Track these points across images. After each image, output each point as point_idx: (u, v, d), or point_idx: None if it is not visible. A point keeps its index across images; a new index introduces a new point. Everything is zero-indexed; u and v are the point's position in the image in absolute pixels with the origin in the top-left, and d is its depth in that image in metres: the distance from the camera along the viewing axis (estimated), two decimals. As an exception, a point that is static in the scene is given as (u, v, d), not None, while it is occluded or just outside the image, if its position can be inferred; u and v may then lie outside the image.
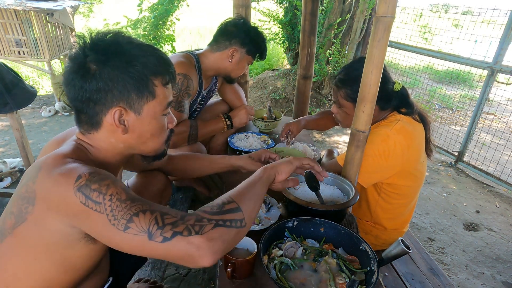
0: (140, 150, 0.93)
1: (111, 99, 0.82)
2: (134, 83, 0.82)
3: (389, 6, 1.04)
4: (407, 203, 1.54)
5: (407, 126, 1.40)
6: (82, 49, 0.82)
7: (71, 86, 0.82)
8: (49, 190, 0.73)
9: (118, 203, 0.72)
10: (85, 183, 0.72)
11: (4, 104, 2.18)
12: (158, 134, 0.92)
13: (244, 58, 1.80)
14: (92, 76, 0.80)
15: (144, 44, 0.87)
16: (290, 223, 1.10)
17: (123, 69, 0.81)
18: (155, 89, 0.85)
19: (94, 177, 0.73)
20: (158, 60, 0.86)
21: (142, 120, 0.87)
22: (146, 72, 0.83)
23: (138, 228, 0.71)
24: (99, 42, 0.82)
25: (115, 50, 0.82)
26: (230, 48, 1.75)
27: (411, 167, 1.45)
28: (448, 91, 5.66)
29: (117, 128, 0.84)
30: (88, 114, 0.84)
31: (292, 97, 4.91)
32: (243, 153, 1.81)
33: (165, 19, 4.96)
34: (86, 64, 0.80)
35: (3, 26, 4.12)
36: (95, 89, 0.80)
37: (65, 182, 0.72)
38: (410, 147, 1.39)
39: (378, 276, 0.91)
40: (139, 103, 0.84)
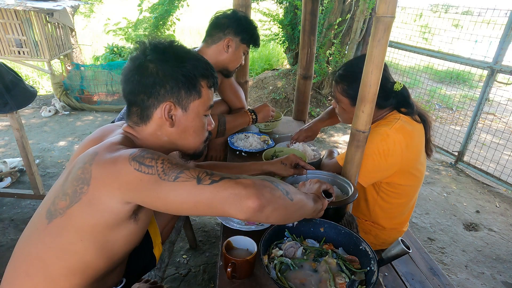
0: (181, 145, 1.00)
1: (164, 94, 0.91)
2: (185, 81, 0.92)
3: (389, 6, 1.04)
4: (406, 203, 1.54)
5: (406, 125, 1.41)
6: (143, 50, 0.93)
7: (129, 82, 0.92)
8: (106, 168, 0.79)
9: (169, 165, 0.78)
10: (139, 153, 0.79)
11: (4, 104, 2.18)
12: (199, 132, 1.00)
13: (239, 47, 1.82)
14: (150, 72, 0.90)
15: (192, 51, 0.99)
16: (290, 223, 1.10)
17: (177, 68, 0.91)
18: (201, 89, 0.96)
19: (147, 151, 0.80)
20: (206, 64, 0.97)
21: (187, 117, 0.96)
22: (195, 73, 0.93)
23: (188, 175, 0.77)
24: (158, 45, 0.94)
25: (171, 52, 0.94)
26: (225, 38, 1.77)
27: (410, 166, 1.45)
28: (448, 91, 5.67)
29: (165, 122, 0.93)
30: (140, 107, 0.93)
31: (292, 97, 4.91)
32: (243, 153, 1.81)
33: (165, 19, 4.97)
34: (145, 62, 0.91)
35: (3, 26, 4.11)
36: (151, 84, 0.90)
37: (121, 158, 0.79)
38: (410, 146, 1.39)
39: (378, 276, 0.91)
40: (187, 100, 0.94)
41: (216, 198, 0.75)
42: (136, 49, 0.96)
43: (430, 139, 1.52)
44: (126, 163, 0.78)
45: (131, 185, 0.78)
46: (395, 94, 1.44)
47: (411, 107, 1.46)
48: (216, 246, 2.27)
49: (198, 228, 2.46)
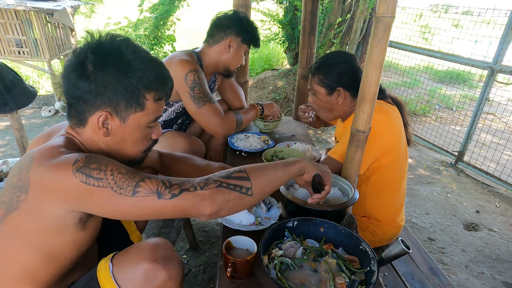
0: (119, 154, 0.95)
1: (100, 102, 0.85)
2: (125, 94, 0.85)
3: (389, 6, 1.04)
4: (395, 188, 1.57)
5: (383, 106, 1.48)
6: (86, 48, 0.84)
7: (67, 80, 0.86)
8: (46, 177, 0.75)
9: (120, 175, 0.76)
10: (83, 164, 0.75)
11: (4, 104, 2.18)
12: (139, 143, 0.95)
13: (240, 47, 1.84)
14: (86, 77, 0.83)
15: (148, 57, 0.89)
16: (290, 223, 1.10)
17: (117, 78, 0.83)
18: (145, 102, 0.88)
19: (91, 159, 0.77)
20: (156, 76, 0.88)
21: (125, 128, 0.89)
22: (139, 86, 0.86)
23: (147, 190, 0.77)
24: (102, 46, 0.84)
25: (115, 58, 0.84)
26: (226, 38, 1.79)
27: (395, 146, 1.49)
28: (448, 91, 5.66)
29: (99, 130, 0.88)
30: (76, 109, 0.88)
31: (292, 97, 4.91)
32: (243, 153, 1.81)
33: (165, 19, 4.96)
34: (84, 64, 0.83)
35: (3, 26, 4.11)
36: (87, 90, 0.83)
37: (63, 167, 0.75)
38: (392, 124, 1.45)
39: (378, 276, 0.91)
40: (126, 112, 0.87)
41: (177, 209, 0.80)
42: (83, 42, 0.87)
43: (408, 123, 1.58)
44: (70, 174, 0.74)
45: (80, 198, 0.76)
46: None
47: (382, 92, 1.53)
48: (216, 246, 2.27)
49: (198, 228, 2.46)
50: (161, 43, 5.13)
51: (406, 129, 1.57)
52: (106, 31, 0.89)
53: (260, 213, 1.27)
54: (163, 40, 5.13)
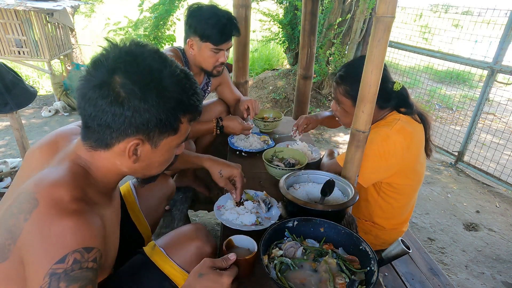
0: (141, 175, 0.90)
1: (133, 129, 0.75)
2: (162, 120, 0.76)
3: (389, 6, 1.04)
4: (406, 203, 1.55)
5: (407, 126, 1.40)
6: (112, 65, 0.72)
7: (90, 104, 0.73)
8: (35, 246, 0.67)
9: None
10: (60, 273, 0.65)
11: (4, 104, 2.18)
12: (165, 164, 0.90)
13: (203, 47, 1.66)
14: (120, 103, 0.72)
15: (184, 75, 0.79)
16: (290, 223, 1.10)
17: (156, 104, 0.73)
18: (180, 126, 0.81)
19: (73, 270, 0.66)
20: (192, 97, 0.80)
21: (156, 152, 0.82)
22: (178, 110, 0.78)
23: None
24: (133, 64, 0.73)
25: (151, 81, 0.73)
26: (188, 39, 1.69)
27: (410, 167, 1.45)
28: (448, 91, 5.66)
29: (128, 157, 0.79)
30: (100, 135, 0.77)
31: (292, 97, 4.91)
32: (243, 153, 1.81)
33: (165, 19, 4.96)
34: (114, 87, 0.71)
35: (3, 26, 4.12)
36: (119, 118, 0.73)
37: (52, 253, 0.66)
38: (410, 147, 1.39)
39: (378, 276, 0.91)
40: (159, 137, 0.79)
41: None
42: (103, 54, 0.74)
43: (430, 139, 1.52)
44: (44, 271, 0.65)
45: None
46: (395, 94, 1.44)
47: (410, 107, 1.46)
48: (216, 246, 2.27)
49: (198, 228, 2.46)
50: (161, 43, 5.13)
51: (428, 145, 1.51)
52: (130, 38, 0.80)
53: (260, 213, 1.27)
54: (163, 40, 5.13)
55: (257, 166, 1.70)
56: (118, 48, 0.75)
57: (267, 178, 1.59)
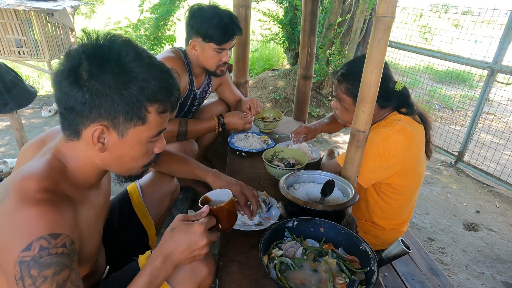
0: (116, 170, 0.89)
1: (95, 114, 0.75)
2: (124, 106, 0.75)
3: (389, 6, 1.04)
4: (406, 203, 1.55)
5: (407, 126, 1.41)
6: (80, 52, 0.74)
7: (58, 88, 0.76)
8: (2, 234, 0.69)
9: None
10: (28, 261, 0.66)
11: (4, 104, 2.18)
12: (139, 159, 0.86)
13: (205, 47, 1.67)
14: (80, 86, 0.73)
15: (153, 64, 0.79)
16: (290, 223, 1.10)
17: (115, 89, 0.74)
18: (147, 115, 0.79)
19: (41, 257, 0.67)
20: (161, 86, 0.78)
21: (124, 143, 0.80)
22: (141, 97, 0.76)
23: None
24: (99, 50, 0.75)
25: (113, 65, 0.74)
26: (190, 41, 1.70)
27: (411, 167, 1.45)
28: (448, 91, 5.66)
29: (94, 145, 0.79)
30: (69, 121, 0.78)
31: (292, 97, 4.91)
32: (243, 153, 1.81)
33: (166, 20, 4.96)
34: (78, 70, 0.73)
35: (3, 26, 4.12)
36: (80, 100, 0.74)
37: (17, 240, 0.67)
38: (410, 148, 1.39)
39: (378, 276, 0.91)
40: (124, 126, 0.78)
41: None
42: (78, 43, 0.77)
43: (430, 140, 1.52)
44: (13, 259, 0.66)
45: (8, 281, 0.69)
46: (396, 94, 1.44)
47: (411, 107, 1.46)
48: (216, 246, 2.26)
49: (198, 228, 2.46)
50: (162, 43, 5.13)
51: (428, 145, 1.52)
52: (105, 31, 0.80)
53: (260, 213, 1.27)
54: (163, 40, 5.14)
55: (257, 166, 1.70)
56: (90, 39, 0.76)
57: (267, 178, 1.59)
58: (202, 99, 2.01)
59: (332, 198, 1.29)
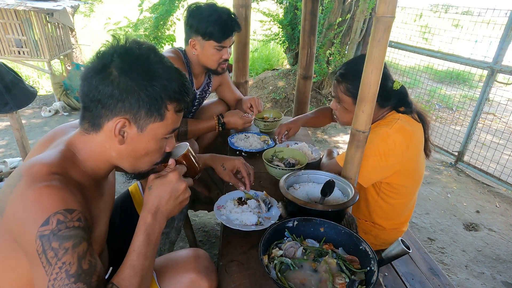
0: (128, 164, 0.92)
1: (120, 108, 0.82)
2: (148, 102, 0.82)
3: (389, 6, 1.04)
4: (406, 203, 1.55)
5: (406, 125, 1.41)
6: (111, 52, 0.82)
7: (87, 83, 0.82)
8: (17, 216, 0.72)
9: (64, 275, 0.71)
10: (48, 234, 0.70)
11: (4, 104, 2.18)
12: (152, 155, 0.92)
13: (206, 45, 1.67)
14: (110, 81, 0.80)
15: (172, 68, 0.87)
16: (290, 223, 1.10)
17: (142, 85, 0.81)
18: (166, 112, 0.86)
19: (60, 230, 0.71)
20: (180, 87, 0.86)
21: (142, 137, 0.86)
22: (163, 95, 0.83)
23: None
24: (129, 51, 0.83)
25: (141, 64, 0.82)
26: (190, 40, 1.70)
27: (410, 166, 1.45)
28: (448, 91, 5.66)
29: (114, 137, 0.84)
30: (93, 113, 0.84)
31: (292, 97, 4.91)
32: (243, 153, 1.81)
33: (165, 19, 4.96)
34: (109, 67, 0.81)
35: (3, 26, 4.12)
36: (109, 94, 0.81)
37: (33, 220, 0.71)
38: (410, 146, 1.39)
39: (378, 276, 0.91)
40: (145, 120, 0.84)
41: None
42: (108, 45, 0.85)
43: (429, 139, 1.53)
44: (33, 235, 0.70)
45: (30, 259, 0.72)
46: (394, 93, 1.44)
47: (409, 105, 1.47)
48: (216, 246, 2.27)
49: (198, 228, 2.46)
50: (161, 43, 5.13)
51: (427, 144, 1.52)
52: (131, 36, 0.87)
53: (260, 213, 1.27)
54: (163, 40, 5.14)
55: (257, 166, 1.69)
56: (119, 42, 0.85)
57: (267, 178, 1.59)
58: (202, 99, 2.01)
59: (332, 198, 1.29)
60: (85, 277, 0.73)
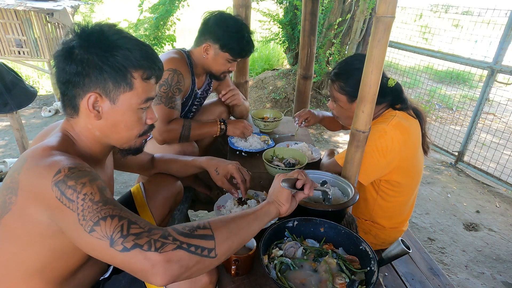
0: (114, 140, 0.94)
1: (88, 83, 0.84)
2: (111, 72, 0.84)
3: (389, 6, 1.04)
4: (405, 201, 1.55)
5: (403, 121, 1.42)
6: (73, 35, 0.85)
7: (57, 68, 0.86)
8: (31, 181, 0.74)
9: (90, 203, 0.71)
10: (62, 179, 0.72)
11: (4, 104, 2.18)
12: (133, 126, 0.92)
13: (219, 55, 1.72)
14: (73, 59, 0.83)
15: (133, 38, 0.88)
16: (290, 223, 1.10)
17: (101, 57, 0.83)
18: (133, 81, 0.86)
19: (73, 173, 0.73)
20: (143, 54, 0.87)
21: (117, 110, 0.88)
22: (125, 63, 0.84)
23: (102, 232, 0.70)
24: (88, 31, 0.85)
25: (100, 39, 0.84)
26: (204, 43, 1.72)
27: (409, 163, 1.46)
28: (448, 91, 5.66)
29: (90, 114, 0.86)
30: (68, 96, 0.87)
31: (292, 97, 4.91)
32: (243, 153, 1.81)
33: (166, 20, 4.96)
34: (71, 48, 0.83)
35: (3, 26, 4.12)
36: (74, 72, 0.83)
37: (45, 174, 0.73)
38: (407, 142, 1.41)
39: (378, 276, 0.91)
40: (115, 92, 0.86)
41: (126, 267, 0.71)
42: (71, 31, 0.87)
43: (426, 134, 1.54)
44: (49, 186, 0.72)
45: (54, 211, 0.73)
46: (389, 89, 1.45)
47: (405, 102, 1.48)
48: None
49: (198, 228, 2.46)
50: (161, 43, 5.13)
51: (424, 140, 1.52)
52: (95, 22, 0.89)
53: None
54: (163, 40, 5.14)
55: (257, 166, 1.70)
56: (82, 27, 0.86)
57: (267, 178, 1.59)
58: (203, 99, 2.02)
59: (333, 197, 1.29)
60: (113, 202, 0.74)
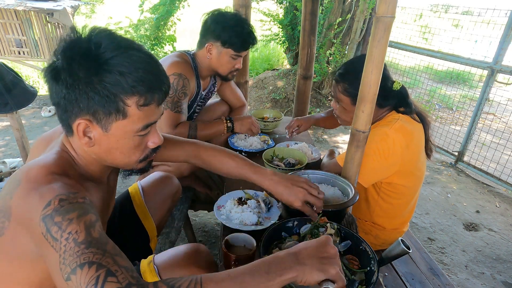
0: (113, 164, 0.86)
1: (76, 109, 0.74)
2: (100, 100, 0.73)
3: (389, 6, 1.04)
4: (406, 203, 1.54)
5: (406, 125, 1.41)
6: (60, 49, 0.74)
7: (47, 85, 0.77)
8: (22, 211, 0.70)
9: (73, 245, 0.64)
10: (50, 213, 0.66)
11: (4, 104, 2.18)
12: (130, 153, 0.83)
13: (223, 52, 1.71)
14: (56, 81, 0.73)
15: (135, 55, 0.75)
16: (290, 223, 1.10)
17: (87, 83, 0.71)
18: (126, 109, 0.75)
19: (62, 206, 0.67)
20: (140, 78, 0.74)
21: (110, 137, 0.78)
22: (115, 90, 0.72)
23: (77, 283, 0.62)
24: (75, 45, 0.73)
25: (85, 57, 0.71)
26: (206, 43, 1.71)
27: (411, 166, 1.45)
28: (448, 91, 5.66)
29: (81, 138, 0.78)
30: (61, 116, 0.79)
31: (292, 97, 4.91)
32: (243, 153, 1.81)
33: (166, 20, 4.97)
34: (56, 67, 0.73)
35: (3, 26, 4.12)
36: (61, 97, 0.74)
37: (35, 206, 0.68)
38: (410, 146, 1.39)
39: (378, 276, 0.91)
40: (106, 120, 0.76)
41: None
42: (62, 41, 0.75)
43: (430, 139, 1.53)
44: (37, 219, 0.66)
45: (40, 246, 0.68)
46: (394, 93, 1.44)
47: (409, 106, 1.47)
48: (216, 246, 2.27)
49: (198, 228, 2.46)
50: (162, 43, 5.13)
51: (428, 144, 1.51)
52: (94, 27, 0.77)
53: (260, 213, 1.27)
54: (163, 41, 5.14)
55: (257, 166, 1.69)
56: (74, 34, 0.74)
57: (267, 178, 1.59)
58: (207, 99, 2.03)
59: (332, 197, 1.29)
60: (97, 244, 0.65)
